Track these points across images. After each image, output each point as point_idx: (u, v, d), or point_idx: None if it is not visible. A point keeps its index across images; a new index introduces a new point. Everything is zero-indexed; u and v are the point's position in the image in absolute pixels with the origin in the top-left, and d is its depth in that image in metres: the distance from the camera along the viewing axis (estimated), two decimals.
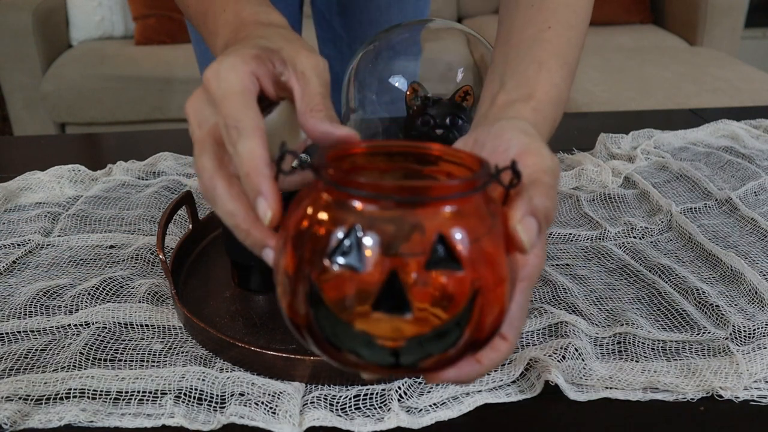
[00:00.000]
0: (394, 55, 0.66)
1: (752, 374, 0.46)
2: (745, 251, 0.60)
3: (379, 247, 0.28)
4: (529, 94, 0.43)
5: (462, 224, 0.29)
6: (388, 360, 0.29)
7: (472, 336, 0.30)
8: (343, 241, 0.28)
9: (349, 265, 0.28)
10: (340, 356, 0.30)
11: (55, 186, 0.73)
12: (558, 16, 0.47)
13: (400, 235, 0.28)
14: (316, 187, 0.31)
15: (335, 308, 0.29)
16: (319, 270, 0.29)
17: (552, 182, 0.35)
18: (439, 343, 0.29)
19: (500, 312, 0.31)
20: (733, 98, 1.79)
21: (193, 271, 0.59)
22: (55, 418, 0.43)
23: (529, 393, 0.45)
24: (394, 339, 0.29)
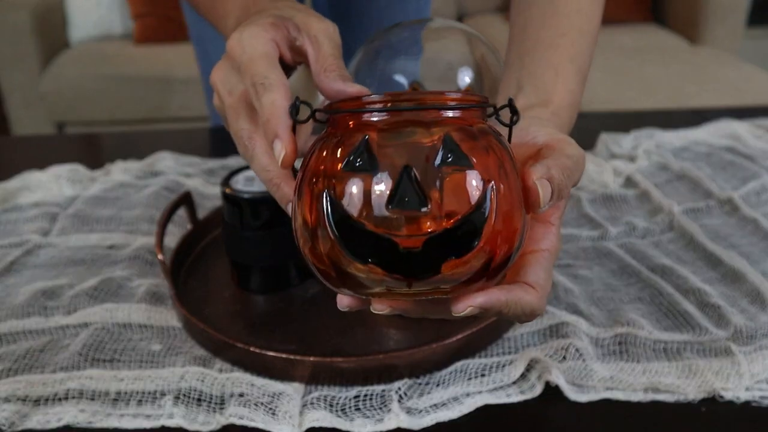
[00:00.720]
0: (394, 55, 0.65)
1: (754, 375, 0.46)
2: (747, 251, 0.60)
3: (390, 149, 0.30)
4: (547, 99, 0.45)
5: (468, 132, 0.31)
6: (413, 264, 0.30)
7: (489, 240, 0.30)
8: (356, 150, 0.30)
9: (363, 168, 0.29)
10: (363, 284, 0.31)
11: (53, 186, 0.73)
12: (572, 22, 0.48)
13: (409, 139, 0.30)
14: (328, 128, 0.33)
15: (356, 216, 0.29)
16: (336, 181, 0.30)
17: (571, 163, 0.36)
18: (458, 241, 0.30)
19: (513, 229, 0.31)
20: (734, 98, 1.79)
21: (193, 272, 0.59)
22: (54, 418, 0.43)
23: (530, 394, 0.45)
24: (414, 236, 0.29)
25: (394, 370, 0.46)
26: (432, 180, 0.29)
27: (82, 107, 2.17)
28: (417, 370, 0.46)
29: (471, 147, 0.30)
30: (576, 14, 0.48)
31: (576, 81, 0.47)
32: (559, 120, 0.44)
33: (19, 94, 2.22)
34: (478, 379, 0.46)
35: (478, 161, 0.30)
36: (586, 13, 0.49)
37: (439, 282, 0.31)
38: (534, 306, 0.34)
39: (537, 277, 0.35)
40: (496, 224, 0.30)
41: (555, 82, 0.46)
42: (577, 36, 0.48)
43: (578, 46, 0.48)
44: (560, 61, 0.47)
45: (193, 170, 0.78)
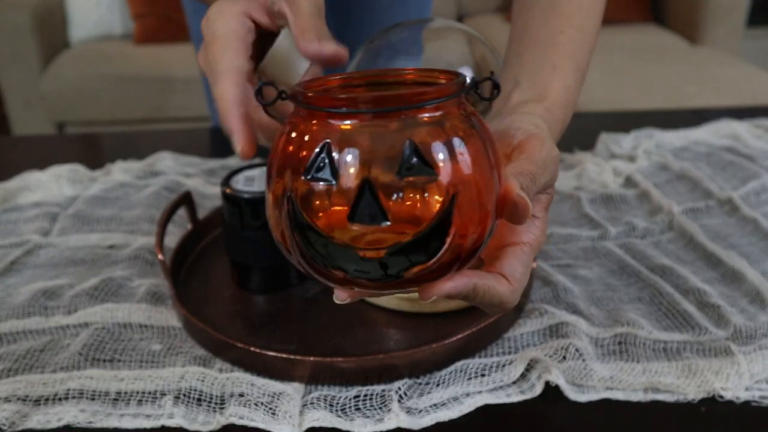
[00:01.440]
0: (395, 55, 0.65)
1: (753, 375, 0.46)
2: (747, 251, 0.60)
3: (351, 159, 0.28)
4: (542, 94, 0.45)
5: (436, 132, 0.29)
6: (373, 272, 0.29)
7: (453, 247, 0.30)
8: (317, 157, 0.29)
9: (324, 179, 0.29)
10: (329, 274, 0.30)
11: (53, 186, 0.73)
12: (572, 20, 0.48)
13: (373, 146, 0.29)
14: (294, 115, 0.31)
15: (317, 224, 0.29)
16: (298, 188, 0.29)
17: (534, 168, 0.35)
18: (420, 252, 0.29)
19: (483, 222, 0.30)
20: (734, 98, 1.79)
21: (193, 272, 0.59)
22: (54, 418, 0.43)
23: (530, 393, 0.45)
24: (375, 250, 0.29)
25: (394, 370, 0.46)
26: (393, 191, 0.28)
27: (82, 107, 2.17)
28: (417, 370, 0.46)
29: (439, 147, 0.29)
30: (576, 11, 0.48)
31: (573, 78, 0.47)
32: (552, 116, 0.44)
33: (19, 94, 2.22)
34: (478, 379, 0.46)
35: (444, 165, 0.29)
36: (587, 9, 0.49)
37: (403, 283, 0.30)
38: (504, 297, 0.34)
39: (513, 269, 0.34)
40: (460, 229, 0.29)
41: (552, 78, 0.46)
42: (575, 33, 0.48)
43: (577, 43, 0.48)
44: (558, 57, 0.47)
45: (193, 170, 0.78)
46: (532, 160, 0.36)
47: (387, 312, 0.53)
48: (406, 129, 0.29)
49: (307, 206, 0.29)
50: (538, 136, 0.38)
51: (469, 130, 0.30)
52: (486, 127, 0.32)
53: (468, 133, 0.30)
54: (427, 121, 0.29)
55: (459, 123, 0.30)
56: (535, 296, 0.54)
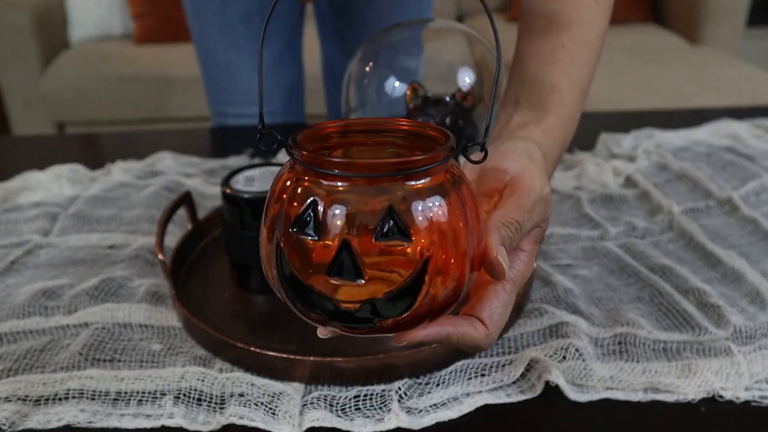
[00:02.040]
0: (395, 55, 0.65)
1: (753, 375, 0.46)
2: (747, 251, 0.60)
3: (335, 219, 0.31)
4: (541, 117, 0.45)
5: (415, 198, 0.31)
6: (348, 320, 0.32)
7: (426, 303, 0.32)
8: (305, 212, 0.31)
9: (308, 234, 0.31)
10: (309, 315, 0.33)
11: (53, 186, 0.73)
12: (572, 34, 0.48)
13: (355, 208, 0.31)
14: (289, 165, 0.34)
15: (299, 273, 0.32)
16: (285, 237, 0.32)
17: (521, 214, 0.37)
18: (393, 307, 0.32)
19: (458, 283, 0.33)
20: (734, 98, 1.79)
21: (193, 272, 0.59)
22: (54, 418, 0.43)
23: (530, 393, 0.45)
24: (350, 302, 0.32)
25: (394, 370, 0.46)
26: (370, 251, 0.31)
27: (82, 107, 2.17)
28: (417, 370, 0.46)
29: (416, 214, 0.31)
30: (578, 25, 0.48)
31: (572, 96, 0.47)
32: (550, 139, 0.44)
33: (19, 94, 2.22)
34: (478, 379, 0.46)
35: (420, 231, 0.31)
36: (589, 22, 0.48)
37: (377, 330, 0.33)
38: (479, 343, 0.35)
39: (491, 311, 0.35)
40: (433, 288, 0.32)
41: (550, 99, 0.46)
42: (576, 47, 0.47)
43: (577, 58, 0.47)
44: (558, 76, 0.47)
45: (193, 170, 0.78)
46: (520, 205, 0.37)
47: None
48: (389, 194, 0.31)
49: (293, 253, 0.32)
50: (528, 174, 0.38)
51: (452, 193, 0.32)
52: (469, 185, 0.34)
53: (450, 196, 0.32)
54: (412, 187, 0.31)
55: (444, 186, 0.32)
56: (535, 296, 0.54)
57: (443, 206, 0.31)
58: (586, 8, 0.48)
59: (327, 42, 0.99)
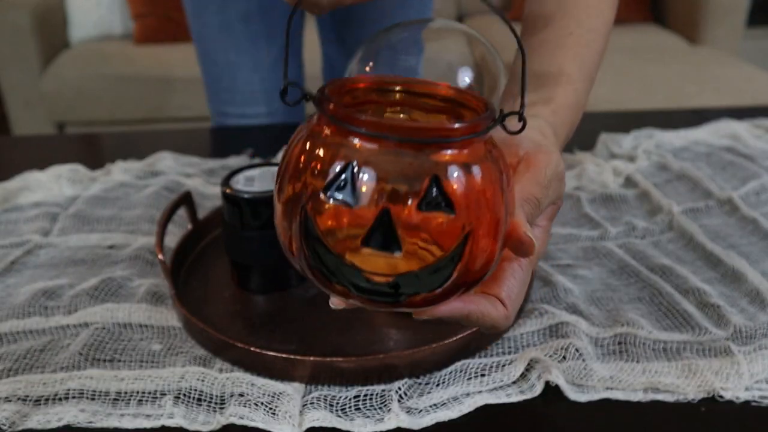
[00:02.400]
0: (395, 54, 0.65)
1: (753, 375, 0.46)
2: (747, 251, 0.60)
3: (373, 184, 0.28)
4: (549, 97, 0.45)
5: (459, 168, 0.29)
6: (376, 294, 0.30)
7: (460, 278, 0.30)
8: (339, 176, 0.29)
9: (343, 201, 0.29)
10: (331, 286, 0.31)
11: (53, 186, 0.73)
12: (579, 21, 0.48)
13: (396, 174, 0.29)
14: (317, 121, 0.31)
15: (328, 241, 0.29)
16: (314, 202, 0.29)
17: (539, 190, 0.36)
18: (427, 282, 0.30)
19: (490, 258, 0.31)
20: (734, 98, 1.79)
21: (193, 272, 0.59)
22: (54, 418, 0.43)
23: (530, 393, 0.45)
24: (382, 275, 0.29)
25: (394, 370, 0.46)
26: (410, 223, 0.29)
27: (82, 107, 2.17)
28: (417, 370, 0.46)
29: (460, 184, 0.29)
30: (584, 12, 0.48)
31: (581, 79, 0.46)
32: (559, 119, 0.44)
33: (19, 94, 2.22)
34: (478, 379, 0.46)
35: (462, 204, 0.29)
36: (595, 10, 0.48)
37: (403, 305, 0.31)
38: (497, 323, 0.34)
39: (509, 290, 0.35)
40: (469, 263, 0.30)
41: (558, 81, 0.45)
42: (584, 33, 0.47)
43: (585, 44, 0.47)
44: (565, 59, 0.46)
45: (193, 170, 0.78)
46: (537, 181, 0.36)
47: (387, 312, 0.53)
48: (431, 161, 0.29)
49: (321, 220, 0.29)
50: (543, 150, 0.38)
51: (490, 165, 0.30)
52: (505, 161, 0.32)
53: (489, 168, 0.30)
54: (452, 156, 0.29)
55: (482, 158, 0.30)
56: (535, 296, 0.54)
57: (485, 178, 0.30)
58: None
59: (327, 42, 0.99)
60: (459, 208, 0.29)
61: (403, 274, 0.29)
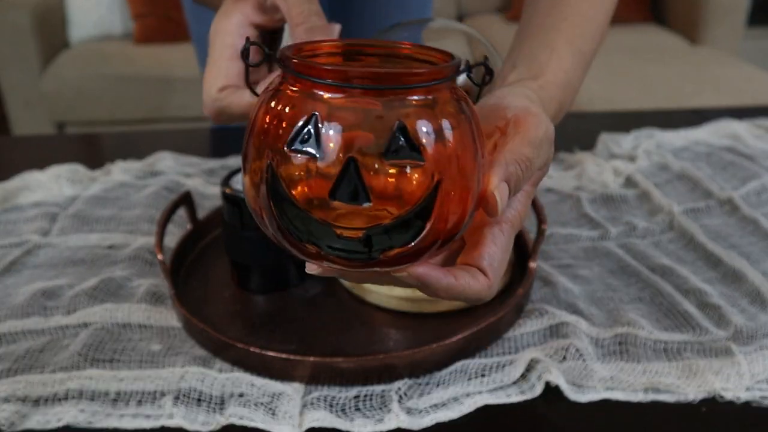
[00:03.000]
0: None
1: (754, 375, 0.46)
2: (747, 251, 0.60)
3: (338, 135, 0.28)
4: (538, 74, 0.44)
5: (426, 115, 0.28)
6: (348, 252, 0.29)
7: (434, 231, 0.29)
8: (302, 128, 0.28)
9: (307, 153, 0.28)
10: (302, 248, 0.30)
11: (53, 186, 0.73)
12: (576, 9, 0.47)
13: (361, 123, 0.28)
14: (279, 81, 0.30)
15: (295, 198, 0.29)
16: (279, 157, 0.28)
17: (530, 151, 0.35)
18: (399, 235, 0.29)
19: (464, 208, 0.30)
20: (734, 98, 1.79)
21: (193, 272, 0.59)
22: (54, 419, 0.43)
23: (530, 394, 0.45)
24: (353, 229, 0.28)
25: (394, 370, 0.46)
26: (378, 172, 0.28)
27: (82, 107, 2.17)
28: (417, 370, 0.46)
29: (428, 131, 0.28)
30: (583, 2, 0.48)
31: (573, 62, 0.46)
32: (546, 94, 0.43)
33: (19, 94, 2.22)
34: (478, 379, 0.46)
35: (432, 151, 0.28)
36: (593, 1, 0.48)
37: (376, 263, 0.30)
38: (481, 295, 0.33)
39: (491, 259, 0.33)
40: (441, 215, 0.29)
41: (549, 60, 0.45)
42: (579, 20, 0.47)
43: (580, 30, 0.47)
44: (558, 42, 0.46)
45: (193, 170, 0.78)
46: (529, 141, 0.35)
47: (387, 312, 0.53)
48: (397, 109, 0.28)
49: (287, 177, 0.29)
50: (533, 112, 0.37)
51: (459, 115, 0.30)
52: (475, 113, 0.31)
53: (458, 118, 0.29)
54: (418, 103, 0.29)
55: (450, 108, 0.29)
56: (535, 296, 0.54)
57: (454, 128, 0.29)
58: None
59: None
60: (427, 156, 0.28)
61: (373, 227, 0.28)
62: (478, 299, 0.33)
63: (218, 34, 0.44)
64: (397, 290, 0.52)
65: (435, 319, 0.52)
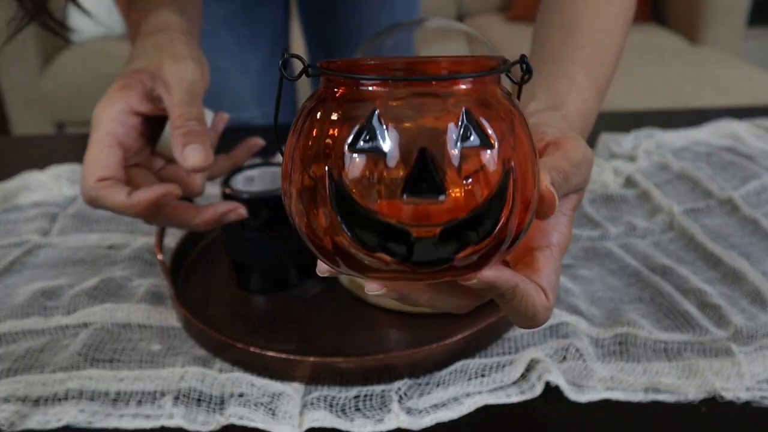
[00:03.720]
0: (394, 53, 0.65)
1: (754, 375, 0.46)
2: (747, 251, 0.60)
3: (403, 128, 0.26)
4: (559, 104, 0.44)
5: (485, 103, 0.28)
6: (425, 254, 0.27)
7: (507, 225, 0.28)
8: (363, 127, 0.26)
9: (374, 150, 0.26)
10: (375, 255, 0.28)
11: (53, 186, 0.73)
12: (593, 38, 0.48)
13: (422, 115, 0.27)
14: (323, 89, 0.29)
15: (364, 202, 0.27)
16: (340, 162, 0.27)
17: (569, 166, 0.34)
18: (476, 229, 0.27)
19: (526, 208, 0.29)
20: (734, 98, 1.79)
21: (193, 272, 0.59)
22: (54, 419, 0.43)
23: (530, 394, 0.45)
24: (429, 227, 0.27)
25: (394, 370, 0.46)
26: (450, 163, 0.26)
27: (82, 107, 2.17)
28: (417, 370, 0.46)
29: (492, 119, 0.27)
30: (597, 32, 0.48)
31: (591, 93, 0.46)
32: (569, 124, 0.43)
33: (19, 94, 2.22)
34: (478, 379, 0.46)
35: (499, 138, 0.27)
36: (609, 32, 0.48)
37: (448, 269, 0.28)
38: (538, 312, 0.32)
39: (549, 280, 0.33)
40: (515, 207, 0.28)
41: (569, 90, 0.45)
42: (595, 50, 0.47)
43: (597, 60, 0.47)
44: (576, 71, 0.46)
45: None
46: (568, 158, 0.35)
47: (387, 312, 0.53)
48: (456, 98, 0.27)
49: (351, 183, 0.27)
50: (573, 136, 0.37)
51: (513, 108, 0.29)
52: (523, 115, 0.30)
53: (511, 107, 0.29)
54: (476, 91, 0.28)
55: (503, 100, 0.29)
56: None
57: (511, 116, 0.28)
58: (604, 19, 0.48)
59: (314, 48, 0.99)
60: (495, 140, 0.27)
61: (450, 221, 0.27)
62: (533, 315, 0.32)
63: (101, 121, 0.45)
64: None
65: (435, 319, 0.52)
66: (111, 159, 0.44)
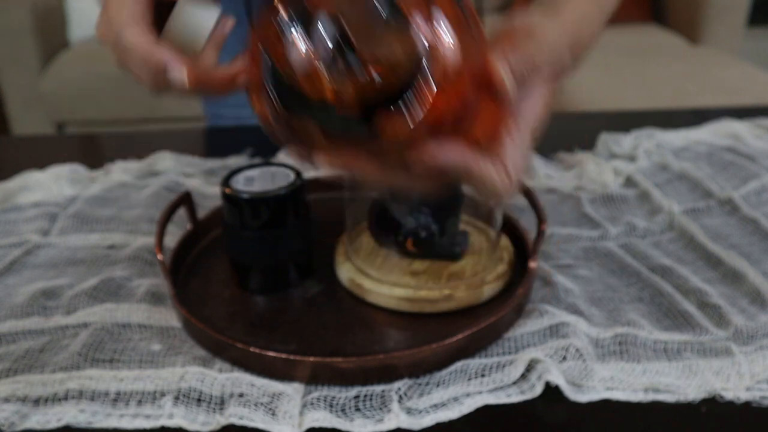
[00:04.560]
0: None
1: (754, 375, 0.46)
2: (747, 251, 0.60)
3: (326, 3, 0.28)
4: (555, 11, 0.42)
5: None
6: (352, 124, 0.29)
7: (436, 106, 0.29)
8: (289, 5, 0.29)
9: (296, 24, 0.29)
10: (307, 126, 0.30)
11: (53, 186, 0.73)
12: None
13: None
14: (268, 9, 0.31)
15: (291, 77, 0.29)
16: (269, 38, 0.29)
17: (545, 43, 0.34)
18: (393, 99, 0.28)
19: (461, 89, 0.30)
20: (735, 98, 1.79)
21: (193, 272, 0.59)
22: (54, 419, 0.43)
23: (530, 394, 0.45)
24: (346, 95, 0.28)
25: (394, 370, 0.46)
26: (368, 38, 0.28)
27: (82, 107, 2.17)
28: (417, 370, 0.46)
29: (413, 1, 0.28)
30: None
31: (592, 10, 0.44)
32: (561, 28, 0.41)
33: (18, 94, 2.22)
34: (478, 380, 0.46)
35: (420, 15, 0.28)
36: None
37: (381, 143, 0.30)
38: (497, 186, 0.32)
39: (511, 155, 0.32)
40: (440, 86, 0.29)
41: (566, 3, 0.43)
42: None
43: None
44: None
45: (193, 170, 0.78)
46: (538, 44, 0.34)
47: (387, 312, 0.53)
48: None
49: (281, 60, 0.29)
50: (544, 21, 0.36)
51: None
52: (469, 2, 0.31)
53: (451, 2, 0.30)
54: None
55: None
56: (535, 296, 0.54)
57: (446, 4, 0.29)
58: None
59: None
60: (414, 21, 0.28)
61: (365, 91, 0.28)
62: (493, 190, 0.32)
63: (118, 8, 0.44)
64: (397, 290, 0.52)
65: (435, 319, 0.52)
66: (137, 7, 0.42)
